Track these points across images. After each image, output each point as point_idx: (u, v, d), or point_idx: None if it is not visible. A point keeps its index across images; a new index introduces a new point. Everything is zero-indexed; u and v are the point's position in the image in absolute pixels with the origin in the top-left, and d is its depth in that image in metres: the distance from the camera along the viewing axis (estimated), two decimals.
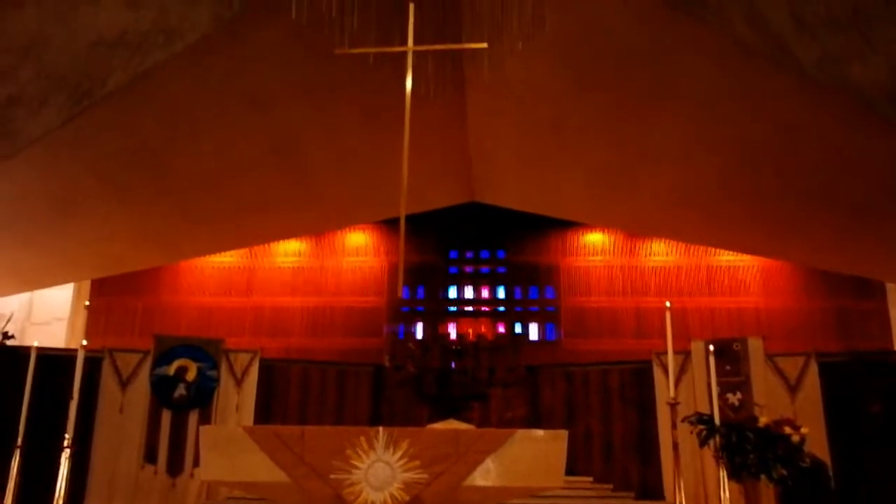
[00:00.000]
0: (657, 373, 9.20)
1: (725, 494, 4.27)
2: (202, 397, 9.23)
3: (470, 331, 11.51)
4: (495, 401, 10.03)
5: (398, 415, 9.89)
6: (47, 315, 11.66)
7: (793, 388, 8.73)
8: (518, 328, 12.03)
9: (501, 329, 12.01)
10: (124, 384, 9.28)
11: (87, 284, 11.79)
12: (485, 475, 5.11)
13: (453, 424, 7.68)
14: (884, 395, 8.36)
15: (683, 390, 8.81)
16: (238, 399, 9.44)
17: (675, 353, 8.72)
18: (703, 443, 4.51)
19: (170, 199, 8.70)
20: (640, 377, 9.79)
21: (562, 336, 11.86)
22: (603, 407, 10.06)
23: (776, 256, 11.01)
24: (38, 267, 9.66)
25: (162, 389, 9.17)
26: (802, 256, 10.22)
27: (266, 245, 12.16)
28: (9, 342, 9.12)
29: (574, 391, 10.27)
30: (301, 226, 11.15)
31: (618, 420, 9.94)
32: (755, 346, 8.88)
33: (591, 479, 9.31)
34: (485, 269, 12.51)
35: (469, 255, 12.58)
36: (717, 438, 4.41)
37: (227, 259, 12.17)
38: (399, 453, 5.03)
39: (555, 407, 10.22)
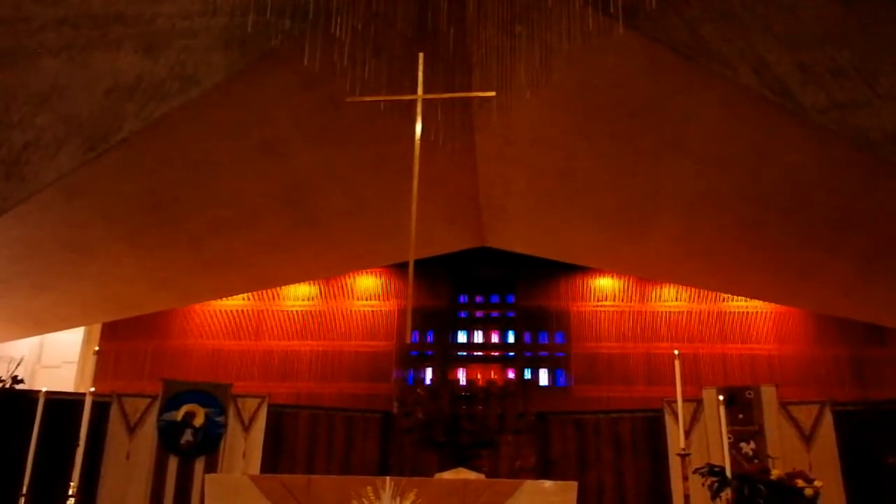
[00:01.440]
0: (669, 421, 9.06)
1: None
2: (209, 443, 9.15)
3: (479, 376, 11.42)
4: (505, 448, 9.89)
5: (407, 462, 9.75)
6: (57, 358, 11.70)
7: (807, 438, 8.58)
8: (528, 374, 11.93)
9: (511, 375, 11.90)
10: (132, 429, 9.22)
11: (97, 328, 11.84)
12: None
13: (462, 473, 7.57)
14: None
15: (696, 439, 8.68)
16: (245, 446, 9.35)
17: (687, 400, 8.66)
18: (714, 495, 4.41)
19: (181, 243, 8.77)
20: (651, 425, 9.66)
21: (572, 382, 11.74)
22: (615, 456, 9.89)
23: (788, 303, 10.92)
24: (50, 310, 9.71)
25: (169, 435, 9.10)
26: (815, 303, 10.14)
27: (276, 288, 12.19)
28: (18, 386, 9.12)
29: (585, 439, 10.12)
30: (311, 270, 11.19)
31: (630, 470, 9.76)
32: (768, 394, 8.76)
33: None
34: (494, 313, 12.46)
35: (479, 299, 12.55)
36: (730, 491, 4.31)
37: (237, 302, 12.20)
38: None
39: (566, 456, 10.06)
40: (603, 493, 9.73)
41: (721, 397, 4.89)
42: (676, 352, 5.24)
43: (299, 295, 12.32)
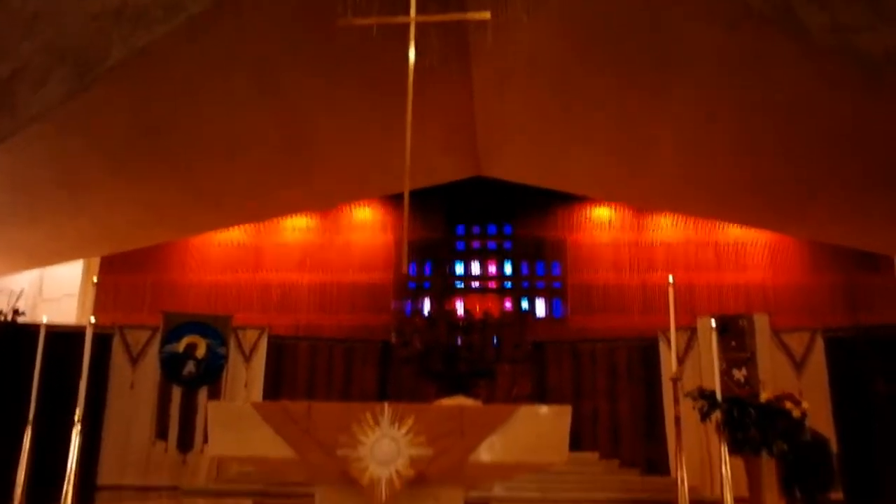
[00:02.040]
0: (663, 349, 9.20)
1: (727, 469, 4.28)
2: (211, 374, 9.31)
3: (477, 307, 11.53)
4: (502, 378, 10.06)
5: (405, 391, 9.95)
6: (58, 291, 11.76)
7: (798, 365, 8.73)
8: (525, 304, 12.04)
9: (508, 305, 12.02)
10: (134, 360, 9.36)
11: (96, 261, 11.86)
12: (489, 451, 5.12)
13: (460, 401, 7.71)
14: (887, 371, 8.32)
15: (689, 367, 8.82)
16: (247, 376, 9.52)
17: (682, 329, 8.77)
18: (703, 417, 4.51)
19: (175, 175, 8.71)
20: (646, 354, 9.82)
21: (568, 313, 11.86)
22: (609, 384, 10.09)
23: (784, 231, 10.94)
24: (46, 244, 9.71)
25: (171, 366, 9.24)
26: (810, 230, 10.16)
27: (273, 221, 12.18)
28: (19, 318, 9.20)
29: (581, 368, 10.30)
30: (307, 201, 11.15)
31: (624, 397, 9.98)
32: (761, 322, 8.86)
33: (597, 455, 9.37)
34: (492, 244, 12.50)
35: (476, 230, 12.56)
36: (720, 414, 4.41)
37: (235, 235, 12.21)
38: (404, 429, 5.04)
39: (561, 384, 10.26)
40: (598, 418, 9.96)
41: (715, 323, 4.94)
42: (671, 277, 5.27)
43: (297, 227, 12.32)
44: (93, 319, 5.61)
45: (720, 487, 4.28)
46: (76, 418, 5.39)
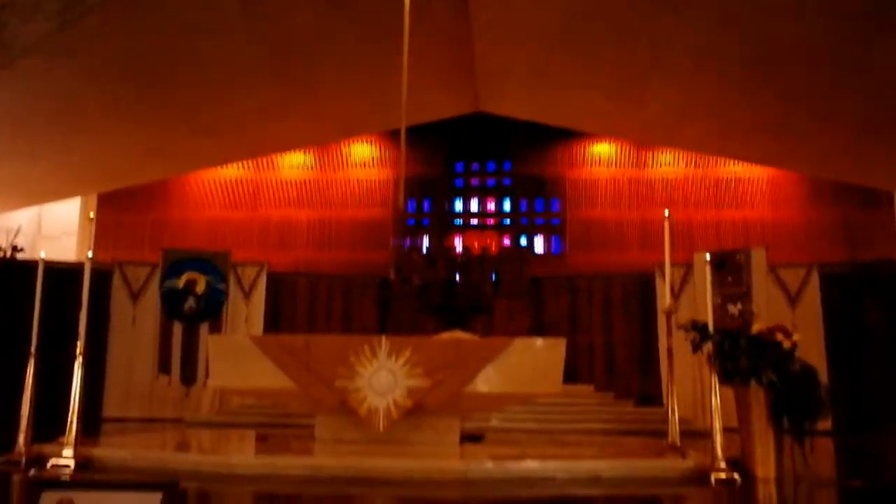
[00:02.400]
0: (659, 284, 9.26)
1: (716, 399, 4.38)
2: (212, 309, 9.40)
3: (475, 243, 11.58)
4: (499, 313, 10.18)
5: (404, 326, 10.06)
6: (57, 230, 11.78)
7: (793, 300, 8.80)
8: (523, 241, 12.09)
9: (507, 242, 12.06)
10: (135, 296, 9.44)
11: (94, 199, 11.84)
12: (485, 382, 5.25)
13: (457, 335, 7.82)
14: (882, 305, 8.42)
15: (685, 302, 8.90)
16: (247, 311, 9.61)
17: (679, 265, 8.82)
18: (695, 349, 4.58)
19: (171, 110, 8.61)
20: (643, 289, 9.90)
21: (566, 249, 11.91)
22: (606, 319, 10.21)
23: (784, 166, 10.88)
24: (42, 181, 9.68)
25: (172, 302, 9.32)
26: (810, 166, 10.11)
27: (271, 158, 12.11)
28: (18, 255, 9.25)
29: (578, 303, 10.40)
30: (305, 136, 11.06)
31: (620, 331, 10.11)
32: (758, 257, 8.88)
33: (592, 387, 9.55)
34: (491, 181, 12.47)
35: (475, 166, 12.51)
36: (711, 345, 4.48)
37: (234, 172, 12.16)
38: (402, 361, 5.15)
39: (559, 319, 10.37)
40: (593, 352, 10.12)
41: (708, 257, 4.97)
42: (666, 211, 5.27)
43: (295, 164, 12.25)
44: (90, 254, 5.63)
45: (711, 418, 4.39)
46: (77, 352, 5.46)
